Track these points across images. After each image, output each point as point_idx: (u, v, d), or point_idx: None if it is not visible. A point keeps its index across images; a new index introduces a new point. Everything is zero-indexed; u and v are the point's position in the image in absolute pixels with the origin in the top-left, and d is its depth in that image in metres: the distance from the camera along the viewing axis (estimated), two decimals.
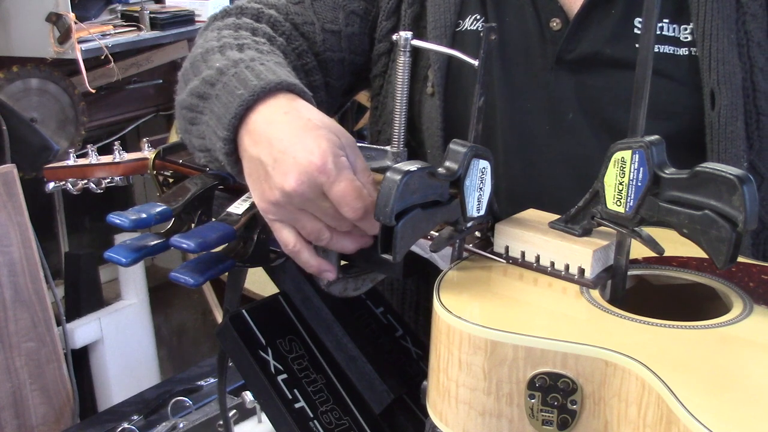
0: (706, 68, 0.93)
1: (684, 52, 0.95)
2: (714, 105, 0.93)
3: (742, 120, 0.93)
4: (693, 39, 0.95)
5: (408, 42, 0.83)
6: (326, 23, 1.08)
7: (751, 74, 0.94)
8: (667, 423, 0.60)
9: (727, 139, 0.93)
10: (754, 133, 0.94)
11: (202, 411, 1.41)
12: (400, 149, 0.86)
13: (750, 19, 0.94)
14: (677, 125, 0.95)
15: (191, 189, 0.92)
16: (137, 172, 1.11)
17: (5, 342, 2.04)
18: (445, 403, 0.71)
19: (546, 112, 0.99)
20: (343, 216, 0.80)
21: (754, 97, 0.94)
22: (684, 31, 0.95)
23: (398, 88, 0.84)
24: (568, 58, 0.98)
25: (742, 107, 0.93)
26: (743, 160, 0.93)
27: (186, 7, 2.74)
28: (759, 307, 0.73)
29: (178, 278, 0.81)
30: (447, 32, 1.02)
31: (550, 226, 0.79)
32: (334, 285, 0.88)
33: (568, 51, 0.98)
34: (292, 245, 0.83)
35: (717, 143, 0.93)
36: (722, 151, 0.93)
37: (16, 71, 2.44)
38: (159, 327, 2.92)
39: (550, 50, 0.99)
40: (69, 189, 1.13)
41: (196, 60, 0.95)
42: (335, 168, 0.78)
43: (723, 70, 0.92)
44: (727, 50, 0.92)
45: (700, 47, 0.93)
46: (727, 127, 0.93)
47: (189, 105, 0.91)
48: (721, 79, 0.92)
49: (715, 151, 0.93)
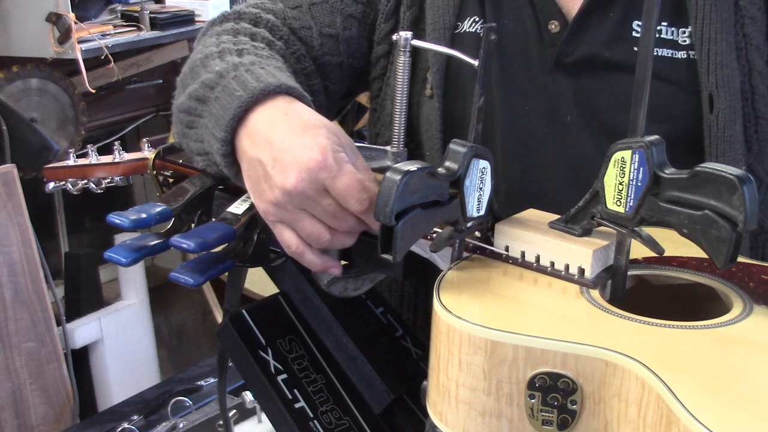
0: (704, 71, 0.93)
1: (682, 56, 0.95)
2: (712, 108, 0.93)
3: (741, 123, 0.93)
4: (691, 42, 0.94)
5: (408, 42, 0.83)
6: (324, 27, 1.07)
7: (749, 77, 0.94)
8: (667, 423, 0.60)
9: (725, 142, 0.93)
10: (752, 136, 0.94)
11: (202, 411, 1.41)
12: (400, 149, 0.86)
13: (749, 22, 0.94)
14: (675, 128, 0.95)
15: (191, 189, 0.92)
16: (137, 172, 1.11)
17: (5, 342, 2.04)
18: (445, 403, 0.71)
19: (544, 115, 0.99)
20: (345, 213, 0.79)
21: (752, 101, 0.94)
22: (682, 35, 0.95)
23: (398, 88, 0.84)
24: (567, 61, 0.98)
25: (741, 110, 0.93)
26: (741, 163, 0.93)
27: (186, 7, 2.74)
28: (759, 307, 0.73)
29: (178, 278, 0.81)
30: (446, 34, 1.02)
31: (550, 226, 0.79)
32: (334, 285, 0.89)
33: (567, 54, 0.98)
34: (295, 247, 0.83)
35: (715, 147, 0.93)
36: (720, 155, 0.93)
37: (16, 71, 2.44)
38: (159, 327, 2.92)
39: (548, 52, 0.99)
40: (69, 189, 1.13)
41: (195, 65, 0.95)
42: (336, 163, 0.78)
43: (721, 74, 0.92)
44: (725, 53, 0.92)
45: (699, 50, 0.93)
46: (725, 130, 0.92)
47: (187, 108, 0.91)
48: (720, 82, 0.92)
49: (714, 155, 0.93)
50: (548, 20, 0.98)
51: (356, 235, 0.83)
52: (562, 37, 0.98)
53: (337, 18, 1.08)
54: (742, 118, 0.93)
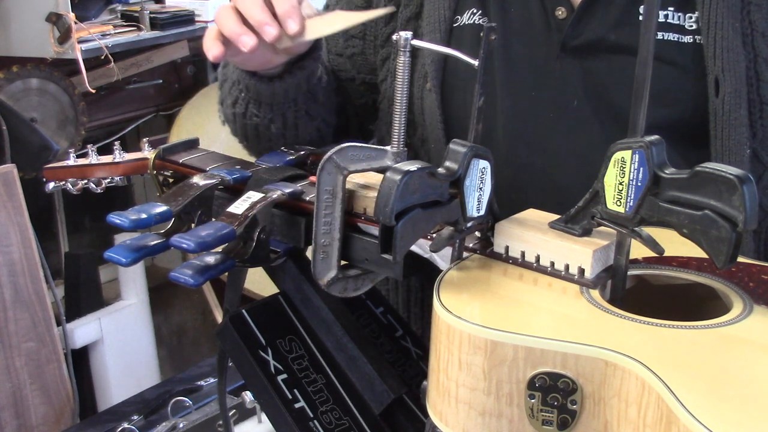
0: (710, 56, 0.94)
1: (688, 40, 0.96)
2: (718, 92, 0.94)
3: (746, 108, 0.94)
4: (698, 27, 0.96)
5: (408, 42, 0.83)
6: (331, 47, 1.15)
7: (755, 64, 0.95)
8: (667, 423, 0.60)
9: (730, 126, 0.94)
10: (757, 122, 0.95)
11: (202, 411, 1.41)
12: (400, 149, 0.86)
13: (755, 9, 0.95)
14: (681, 112, 0.96)
15: (191, 189, 0.92)
16: (137, 172, 1.11)
17: (5, 342, 2.04)
18: (445, 403, 0.71)
19: (550, 100, 1.00)
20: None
21: (757, 87, 0.95)
22: (689, 20, 0.96)
23: (398, 87, 0.84)
24: (573, 44, 0.99)
25: (746, 95, 0.94)
26: (746, 147, 0.94)
27: (186, 7, 2.74)
28: (759, 307, 0.73)
29: (178, 278, 0.81)
30: (441, 27, 1.03)
31: (550, 226, 0.79)
32: (334, 285, 0.88)
33: (573, 37, 0.99)
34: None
35: (720, 130, 0.94)
36: (726, 138, 0.93)
37: (16, 71, 2.43)
38: (159, 327, 2.92)
39: (555, 38, 1.00)
40: (69, 189, 1.13)
41: None
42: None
43: (727, 58, 0.93)
44: (731, 38, 0.93)
45: (705, 35, 0.94)
46: (731, 113, 0.94)
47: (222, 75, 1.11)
48: (726, 66, 0.93)
49: (719, 138, 0.94)
50: (555, 6, 1.00)
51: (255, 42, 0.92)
52: (569, 21, 0.98)
53: (340, 40, 1.15)
54: (747, 102, 0.94)
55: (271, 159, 1.02)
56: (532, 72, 1.01)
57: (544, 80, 1.01)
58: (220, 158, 1.02)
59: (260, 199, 0.87)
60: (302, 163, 1.02)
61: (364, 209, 0.84)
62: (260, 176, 0.95)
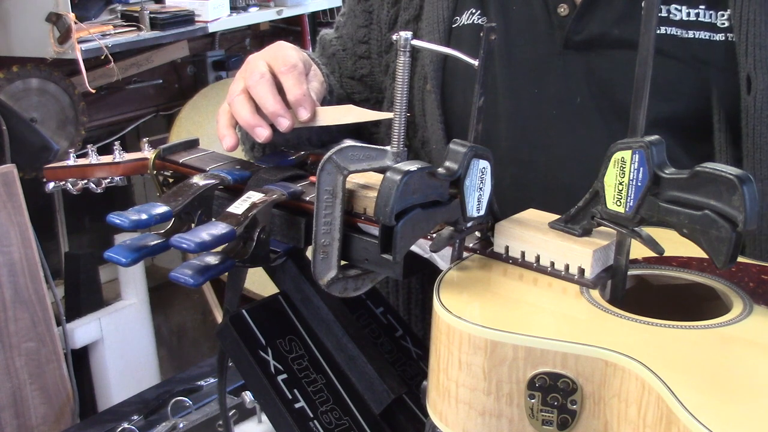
0: (743, 53, 0.94)
1: (720, 38, 0.96)
2: (750, 89, 0.94)
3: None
4: (730, 25, 0.96)
5: (408, 42, 0.83)
6: (343, 71, 1.18)
7: None
8: (667, 423, 0.60)
9: (762, 123, 0.94)
10: None
11: (202, 411, 1.41)
12: (400, 149, 0.86)
13: None
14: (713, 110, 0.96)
15: (191, 189, 0.92)
16: (137, 172, 1.11)
17: (5, 342, 2.04)
18: (445, 403, 0.71)
19: (553, 98, 1.00)
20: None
21: None
22: (721, 17, 0.97)
23: (398, 88, 0.84)
24: (576, 40, 0.99)
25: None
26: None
27: (186, 7, 2.73)
28: (759, 307, 0.73)
29: (178, 278, 0.81)
30: (439, 27, 1.04)
31: (550, 226, 0.79)
32: (334, 285, 0.88)
33: (576, 33, 0.99)
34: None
35: (752, 127, 0.94)
36: (757, 135, 0.94)
37: (16, 71, 2.43)
38: (159, 327, 2.92)
39: (557, 35, 1.00)
40: (69, 189, 1.13)
41: None
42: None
43: (760, 55, 0.94)
44: (764, 35, 0.94)
45: (737, 32, 0.95)
46: (762, 111, 0.94)
47: None
48: (758, 63, 0.94)
49: (750, 135, 0.94)
50: (557, 3, 1.00)
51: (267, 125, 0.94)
52: (572, 17, 0.99)
53: (349, 62, 1.17)
54: None
55: (271, 159, 1.02)
56: (534, 70, 1.02)
57: (547, 78, 1.01)
58: (220, 158, 1.02)
59: (260, 200, 0.87)
60: (302, 163, 1.02)
61: (364, 209, 0.84)
62: (260, 176, 0.95)
